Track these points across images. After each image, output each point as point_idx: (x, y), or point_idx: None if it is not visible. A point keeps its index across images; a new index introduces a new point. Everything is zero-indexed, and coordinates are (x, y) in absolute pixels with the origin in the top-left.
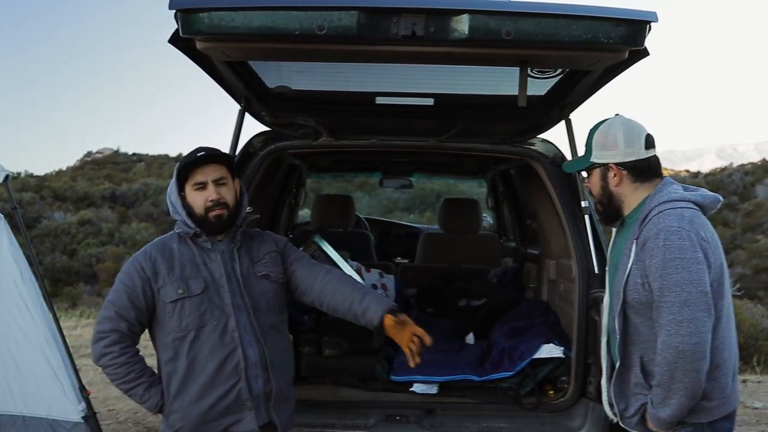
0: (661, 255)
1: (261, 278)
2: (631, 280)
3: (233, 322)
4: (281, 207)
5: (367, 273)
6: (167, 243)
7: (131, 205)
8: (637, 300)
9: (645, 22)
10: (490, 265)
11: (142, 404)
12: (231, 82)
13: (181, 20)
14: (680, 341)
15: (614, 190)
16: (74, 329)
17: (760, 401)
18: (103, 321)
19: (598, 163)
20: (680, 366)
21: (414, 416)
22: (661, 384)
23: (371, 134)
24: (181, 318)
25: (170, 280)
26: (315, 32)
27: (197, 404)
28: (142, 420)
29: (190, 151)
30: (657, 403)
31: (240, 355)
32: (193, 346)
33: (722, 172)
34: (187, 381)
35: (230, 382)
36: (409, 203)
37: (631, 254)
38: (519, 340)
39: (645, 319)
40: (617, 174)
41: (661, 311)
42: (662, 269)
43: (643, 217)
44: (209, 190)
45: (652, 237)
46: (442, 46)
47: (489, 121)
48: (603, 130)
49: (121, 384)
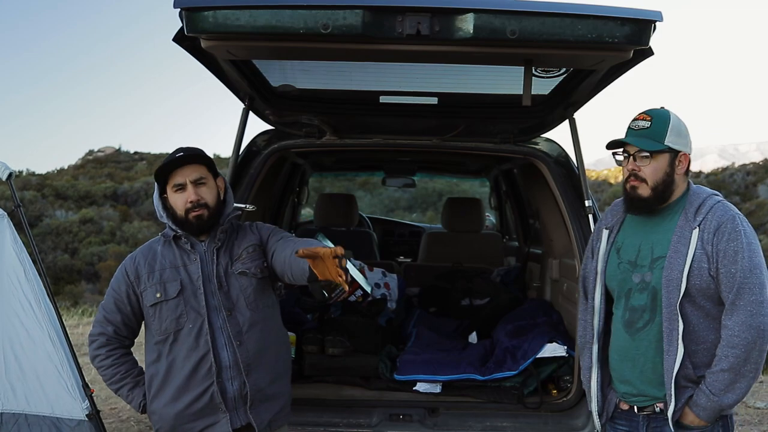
0: (742, 239)
1: (239, 276)
2: (695, 266)
3: (207, 325)
4: (284, 206)
5: (370, 272)
6: (153, 246)
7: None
8: (697, 287)
9: (650, 21)
10: (493, 264)
11: (129, 403)
12: (235, 80)
13: (185, 19)
14: (762, 321)
15: (676, 178)
16: (76, 327)
17: (762, 401)
18: (95, 324)
19: (672, 148)
20: (758, 346)
21: (417, 415)
22: (733, 367)
23: (375, 133)
24: (160, 321)
25: (150, 283)
26: (320, 31)
27: (172, 406)
28: (144, 419)
29: (170, 153)
30: (720, 390)
31: (213, 357)
32: (172, 348)
33: (724, 172)
34: (165, 383)
35: (203, 385)
36: (411, 202)
37: (691, 241)
38: (522, 339)
39: (695, 308)
40: (684, 163)
41: (743, 293)
42: (744, 252)
43: (697, 205)
44: (188, 191)
45: (728, 221)
46: (447, 45)
47: (493, 121)
48: (676, 119)
49: (109, 384)
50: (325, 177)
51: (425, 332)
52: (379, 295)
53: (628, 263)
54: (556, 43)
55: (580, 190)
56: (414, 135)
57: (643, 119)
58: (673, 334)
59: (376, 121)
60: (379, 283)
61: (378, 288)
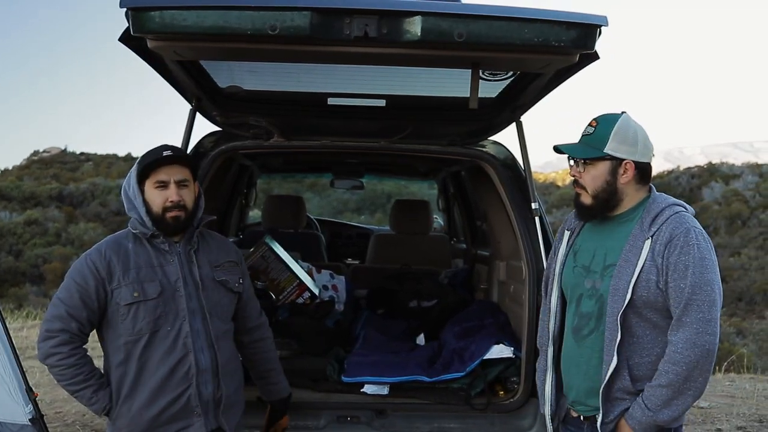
0: (694, 252)
1: (219, 284)
2: (643, 278)
3: (187, 327)
4: (232, 207)
5: (318, 274)
6: (122, 242)
7: (79, 204)
8: (644, 299)
9: (595, 26)
10: (441, 266)
11: (89, 407)
12: (182, 81)
13: (132, 19)
14: (707, 340)
15: (620, 187)
16: (20, 330)
17: (706, 401)
18: (52, 319)
19: (612, 155)
20: (701, 365)
21: (365, 417)
22: (671, 384)
23: (323, 135)
24: (135, 321)
25: (125, 282)
26: (267, 32)
27: (146, 410)
28: (89, 422)
29: (154, 148)
30: (657, 406)
31: (192, 360)
32: (145, 350)
33: (669, 175)
34: (137, 385)
35: (180, 388)
36: (359, 204)
37: (642, 252)
38: (469, 341)
39: (641, 319)
40: (630, 172)
41: (690, 309)
42: (695, 267)
43: (653, 215)
44: (171, 191)
45: (681, 234)
46: (395, 47)
47: (440, 123)
48: (623, 124)
49: (68, 385)
50: (273, 179)
51: (373, 334)
52: (327, 297)
53: (582, 268)
54: (503, 46)
55: (527, 192)
56: (362, 137)
57: (590, 125)
58: (612, 345)
59: (324, 123)
60: (327, 285)
61: (326, 290)
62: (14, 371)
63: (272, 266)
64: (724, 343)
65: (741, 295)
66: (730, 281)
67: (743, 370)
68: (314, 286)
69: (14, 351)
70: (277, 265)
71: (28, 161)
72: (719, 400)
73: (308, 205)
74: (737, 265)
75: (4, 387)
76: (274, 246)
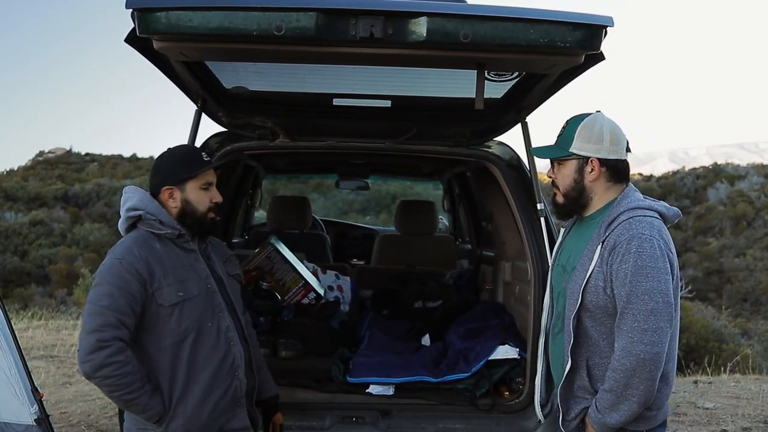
0: (633, 261)
1: (233, 278)
2: (592, 283)
3: (225, 321)
4: (237, 208)
5: (323, 274)
6: (149, 243)
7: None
8: (594, 303)
9: (601, 26)
10: (446, 266)
11: (144, 414)
12: (187, 82)
13: (138, 19)
14: (642, 350)
15: (588, 185)
16: (26, 331)
17: (711, 402)
18: (103, 329)
19: (577, 154)
20: (638, 374)
21: (370, 417)
22: (613, 390)
23: (328, 136)
24: (180, 321)
25: (166, 282)
26: (273, 33)
27: (202, 407)
28: (95, 422)
29: (187, 151)
30: (605, 409)
31: (234, 353)
32: (193, 348)
33: (674, 176)
34: (189, 384)
35: (228, 381)
36: (364, 205)
37: (594, 257)
38: (474, 342)
39: (597, 323)
40: (596, 169)
41: (625, 318)
42: (633, 276)
43: (610, 220)
44: (214, 193)
45: (624, 242)
46: (400, 48)
47: (446, 124)
48: (589, 123)
49: (124, 394)
50: (278, 179)
51: (378, 335)
52: (332, 297)
53: (561, 267)
54: (509, 47)
55: (532, 193)
56: (367, 138)
57: (563, 126)
58: (567, 346)
59: (330, 124)
60: (332, 285)
61: (331, 290)
62: (20, 372)
63: (277, 267)
64: (729, 344)
65: (746, 296)
66: (735, 282)
67: (748, 371)
68: (319, 287)
69: (20, 351)
70: (282, 265)
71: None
72: (724, 400)
73: (313, 205)
74: (742, 266)
75: (10, 387)
76: (279, 246)
